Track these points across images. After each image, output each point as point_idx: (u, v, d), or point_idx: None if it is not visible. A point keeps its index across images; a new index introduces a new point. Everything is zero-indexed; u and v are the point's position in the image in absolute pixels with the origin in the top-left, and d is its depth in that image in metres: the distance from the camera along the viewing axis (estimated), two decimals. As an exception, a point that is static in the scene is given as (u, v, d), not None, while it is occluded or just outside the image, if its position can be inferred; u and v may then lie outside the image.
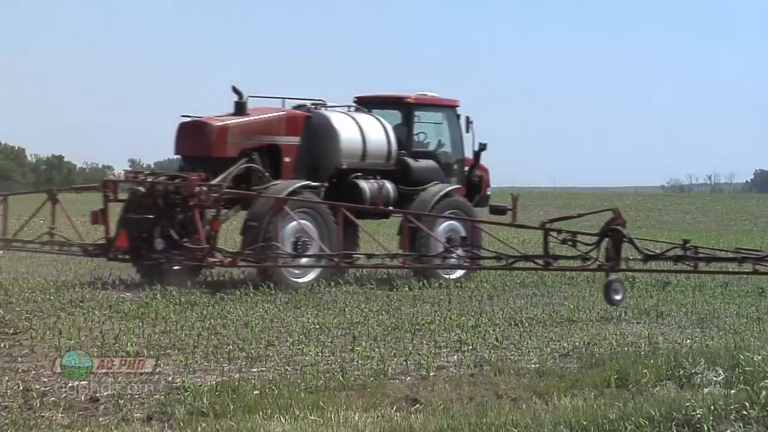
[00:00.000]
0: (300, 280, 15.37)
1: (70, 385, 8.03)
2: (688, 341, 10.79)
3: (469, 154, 18.87)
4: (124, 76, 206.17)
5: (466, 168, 18.82)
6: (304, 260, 15.46)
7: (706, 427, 7.02)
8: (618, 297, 12.25)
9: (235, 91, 16.76)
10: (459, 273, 16.71)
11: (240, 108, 16.70)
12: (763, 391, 7.55)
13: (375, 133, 17.58)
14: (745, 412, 7.26)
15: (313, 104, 17.59)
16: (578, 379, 8.59)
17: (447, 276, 16.64)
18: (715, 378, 8.49)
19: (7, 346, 9.82)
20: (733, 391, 7.86)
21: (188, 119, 16.67)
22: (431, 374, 8.84)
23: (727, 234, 35.82)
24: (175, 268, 15.08)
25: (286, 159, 16.73)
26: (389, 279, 16.59)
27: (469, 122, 18.67)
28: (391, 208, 17.19)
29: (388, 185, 17.38)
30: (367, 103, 18.49)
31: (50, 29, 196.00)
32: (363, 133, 17.41)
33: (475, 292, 14.95)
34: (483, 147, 18.73)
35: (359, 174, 17.25)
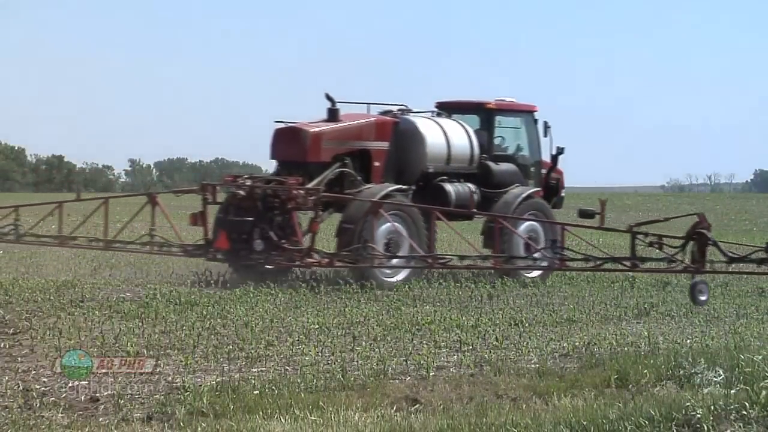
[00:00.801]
0: (392, 280, 15.90)
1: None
2: (688, 341, 10.79)
3: (546, 157, 19.53)
4: (124, 77, 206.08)
5: (543, 171, 19.46)
6: (395, 261, 16.08)
7: (706, 427, 7.02)
8: (703, 297, 12.99)
9: (328, 98, 17.46)
10: (537, 272, 17.27)
11: (333, 114, 17.38)
12: (763, 391, 7.55)
13: (458, 137, 18.19)
14: (745, 412, 7.27)
15: (399, 110, 18.28)
16: (578, 379, 8.59)
17: (527, 275, 17.14)
18: (715, 378, 8.48)
19: (7, 346, 9.82)
20: (733, 391, 7.86)
21: (284, 125, 17.39)
22: (431, 374, 8.84)
23: (727, 234, 35.64)
24: (269, 267, 15.76)
25: (376, 163, 17.38)
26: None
27: (547, 127, 19.33)
28: (475, 210, 17.91)
29: (472, 188, 18.06)
30: (447, 109, 19.19)
31: (50, 29, 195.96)
32: (447, 138, 18.03)
33: (475, 292, 14.95)
34: (561, 151, 19.34)
35: (444, 177, 17.93)
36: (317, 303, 13.39)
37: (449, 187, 17.77)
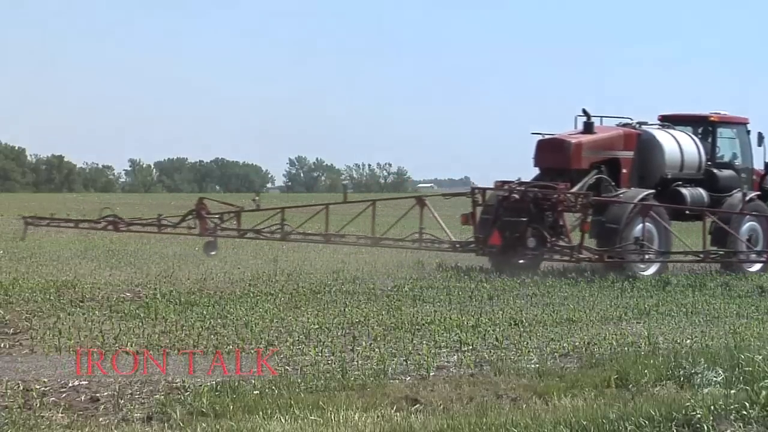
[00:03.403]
0: (645, 273, 18.06)
1: (70, 385, 8.04)
2: (688, 341, 10.79)
3: (759, 165, 22.15)
4: (124, 77, 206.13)
5: (754, 177, 21.95)
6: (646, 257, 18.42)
7: (706, 427, 7.02)
8: None
9: (585, 113, 20.08)
10: (757, 267, 19.83)
11: (588, 127, 19.99)
12: (763, 391, 7.55)
13: (689, 146, 20.84)
14: (745, 412, 7.26)
15: (637, 122, 20.81)
16: (578, 379, 8.58)
17: (748, 269, 19.48)
18: (715, 378, 8.48)
19: (7, 346, 9.83)
20: (733, 391, 7.86)
21: (549, 137, 19.95)
22: (431, 374, 8.84)
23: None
24: (521, 261, 18.14)
25: (624, 170, 19.89)
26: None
27: (761, 137, 21.90)
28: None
29: (702, 192, 20.60)
30: (671, 121, 21.62)
31: (50, 29, 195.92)
32: (680, 147, 20.65)
33: (475, 292, 14.95)
34: None
35: (679, 182, 20.47)
36: (317, 303, 13.40)
37: (685, 190, 20.36)
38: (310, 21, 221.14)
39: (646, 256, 18.19)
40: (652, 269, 18.30)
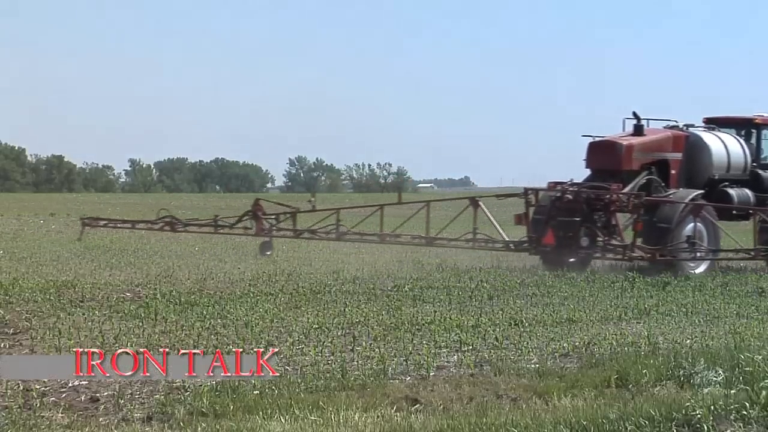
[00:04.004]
0: (695, 271, 18.65)
1: (70, 385, 8.03)
2: (688, 341, 10.78)
3: None
4: (124, 77, 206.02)
5: None
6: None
7: (706, 427, 7.02)
8: None
9: (635, 115, 20.62)
10: None
11: (638, 130, 20.57)
12: (763, 391, 7.55)
13: (735, 148, 21.52)
14: (745, 412, 7.26)
15: (684, 125, 21.49)
16: (578, 379, 8.58)
17: None
18: (715, 378, 8.48)
19: (7, 346, 9.83)
20: (733, 391, 7.86)
21: (601, 139, 20.69)
22: (431, 374, 8.83)
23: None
24: (571, 260, 18.69)
25: (672, 171, 20.58)
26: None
27: None
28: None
29: (748, 192, 21.22)
30: (716, 123, 22.25)
31: (50, 29, 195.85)
32: (727, 149, 21.33)
33: (475, 292, 14.94)
34: None
35: (725, 183, 21.08)
36: (317, 303, 13.39)
37: (732, 191, 20.97)
38: (311, 21, 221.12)
39: (698, 255, 18.82)
40: (702, 267, 18.97)
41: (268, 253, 20.79)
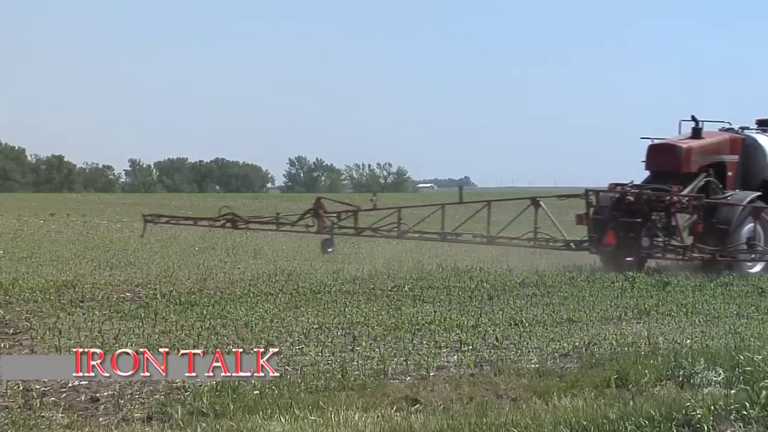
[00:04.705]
0: (752, 271, 19.12)
1: (70, 385, 8.03)
2: (688, 341, 10.77)
3: None
4: (124, 77, 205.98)
5: None
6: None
7: (706, 427, 7.02)
8: None
9: (693, 118, 21.03)
10: None
11: (697, 132, 20.97)
12: (763, 391, 7.54)
13: None
14: (745, 412, 7.26)
15: (740, 128, 21.88)
16: (578, 379, 8.58)
17: None
18: (715, 378, 8.48)
19: (7, 346, 9.82)
20: (733, 391, 7.86)
21: (660, 141, 21.06)
22: (431, 374, 8.83)
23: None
24: (628, 259, 18.90)
25: (729, 173, 20.93)
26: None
27: None
28: None
29: None
30: (767, 125, 22.54)
31: (50, 29, 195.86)
32: None
33: (475, 292, 14.94)
34: None
35: None
36: (317, 303, 13.39)
37: None
38: (311, 21, 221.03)
39: (758, 255, 19.32)
40: (758, 267, 19.44)
41: (330, 250, 21.04)
